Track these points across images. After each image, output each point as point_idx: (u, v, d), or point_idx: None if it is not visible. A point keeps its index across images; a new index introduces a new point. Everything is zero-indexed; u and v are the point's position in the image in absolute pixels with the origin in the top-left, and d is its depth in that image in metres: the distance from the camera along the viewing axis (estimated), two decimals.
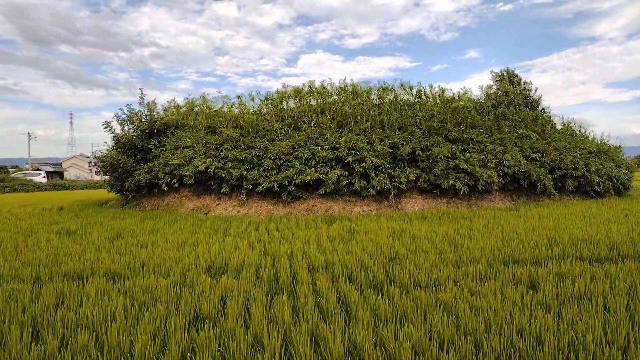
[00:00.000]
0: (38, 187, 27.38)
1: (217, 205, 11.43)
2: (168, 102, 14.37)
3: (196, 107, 13.57)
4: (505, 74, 16.58)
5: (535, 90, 16.00)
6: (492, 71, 16.75)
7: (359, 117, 11.80)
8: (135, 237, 7.01)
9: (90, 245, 6.33)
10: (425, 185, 11.66)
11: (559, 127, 15.62)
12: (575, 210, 9.97)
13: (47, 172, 56.53)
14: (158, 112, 13.75)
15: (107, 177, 13.79)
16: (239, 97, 13.43)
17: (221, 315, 3.30)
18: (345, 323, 3.13)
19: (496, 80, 16.22)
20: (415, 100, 13.19)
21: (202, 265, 4.92)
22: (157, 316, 3.18)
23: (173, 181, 11.65)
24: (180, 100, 14.83)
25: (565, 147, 13.67)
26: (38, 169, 53.62)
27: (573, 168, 13.37)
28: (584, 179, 13.62)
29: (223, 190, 11.07)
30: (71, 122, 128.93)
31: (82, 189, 28.80)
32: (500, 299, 3.53)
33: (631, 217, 8.78)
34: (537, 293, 3.72)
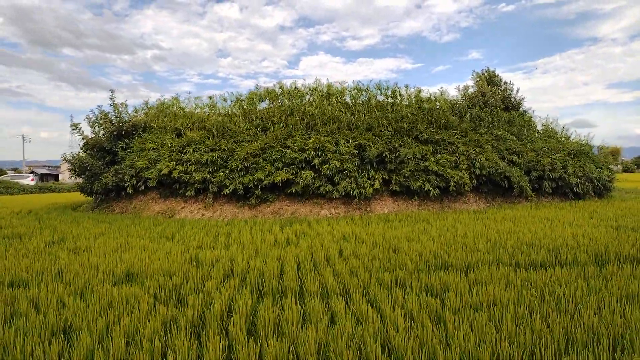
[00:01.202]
0: (24, 190, 27.32)
1: (182, 208, 11.25)
2: (143, 102, 14.18)
3: (167, 108, 13.41)
4: (486, 74, 16.36)
5: (517, 92, 15.77)
6: (473, 71, 16.55)
7: (326, 119, 11.60)
8: (75, 242, 6.83)
9: (23, 250, 6.16)
10: (396, 188, 11.45)
11: (539, 128, 15.39)
12: (543, 213, 9.74)
13: (42, 175, 56.65)
14: (131, 114, 13.62)
15: (79, 180, 13.67)
16: (210, 97, 13.28)
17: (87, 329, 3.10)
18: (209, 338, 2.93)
19: (477, 81, 16.00)
20: (388, 101, 12.98)
21: (118, 272, 4.73)
22: (21, 326, 3.00)
23: (139, 184, 11.48)
24: (153, 101, 14.68)
25: (542, 148, 13.43)
26: (33, 172, 53.74)
27: (550, 169, 13.13)
28: (561, 180, 13.38)
29: (188, 193, 10.90)
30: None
31: (69, 191, 28.72)
32: (398, 309, 3.31)
33: (596, 219, 8.55)
34: (441, 301, 3.52)
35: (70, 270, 4.79)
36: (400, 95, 13.14)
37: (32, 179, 33.88)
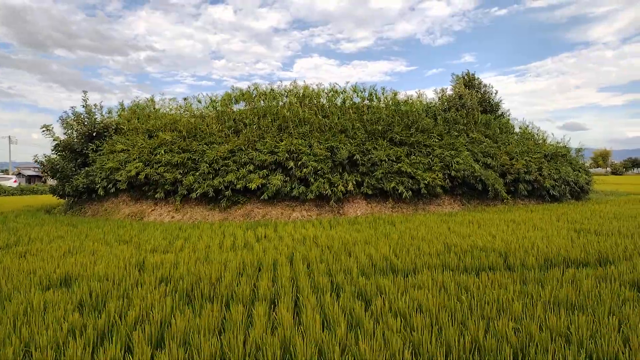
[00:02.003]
0: (5, 191, 26.93)
1: (152, 210, 11.10)
2: (119, 104, 14.00)
3: (141, 109, 13.25)
4: (466, 77, 16.41)
5: (495, 94, 15.83)
6: (453, 73, 16.60)
7: (298, 121, 11.52)
8: (27, 246, 6.69)
9: None
10: (369, 191, 11.40)
11: (517, 130, 15.44)
12: (512, 216, 9.73)
13: (30, 176, 55.95)
14: (104, 116, 13.44)
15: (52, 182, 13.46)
16: (185, 99, 13.16)
17: None
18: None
19: (455, 83, 16.03)
20: (365, 103, 12.93)
21: (54, 277, 4.61)
22: None
23: (109, 186, 11.31)
24: (127, 102, 14.52)
25: (516, 150, 13.46)
26: (19, 173, 53.07)
27: (525, 172, 13.16)
28: (537, 183, 13.42)
29: (158, 195, 10.75)
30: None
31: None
32: (317, 315, 3.23)
33: (562, 222, 8.55)
34: (366, 307, 3.45)
35: (4, 276, 4.66)
36: (377, 97, 13.11)
37: (15, 181, 33.41)
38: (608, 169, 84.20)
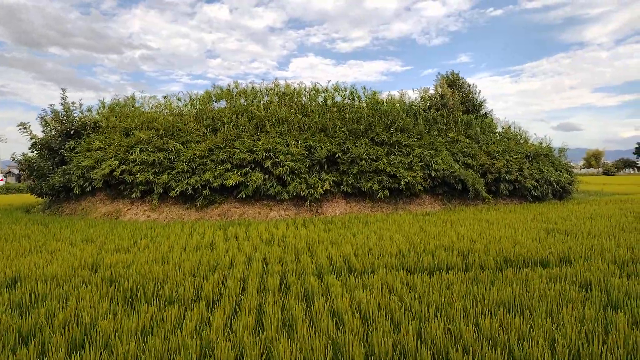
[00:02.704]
0: None
1: (128, 210, 10.97)
2: (99, 102, 13.85)
3: (121, 107, 13.10)
4: (450, 76, 16.40)
5: (479, 94, 15.82)
6: (438, 73, 16.57)
7: (276, 120, 11.44)
8: None
9: None
10: (348, 190, 11.35)
11: (500, 130, 15.45)
12: (489, 215, 9.71)
13: (20, 175, 55.44)
14: (85, 114, 13.29)
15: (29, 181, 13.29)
16: (165, 97, 13.02)
17: None
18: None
19: (439, 83, 16.01)
20: (346, 103, 12.87)
21: (2, 277, 4.50)
22: None
23: (85, 184, 11.17)
24: (108, 100, 14.36)
25: (497, 150, 13.46)
26: (9, 172, 52.56)
27: (506, 172, 13.17)
28: (518, 183, 13.43)
29: (133, 195, 10.63)
30: None
31: None
32: (246, 317, 3.16)
33: (537, 221, 8.54)
34: (307, 307, 3.38)
35: None
36: (357, 97, 13.05)
37: (2, 179, 33.05)
38: (599, 169, 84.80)
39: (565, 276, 4.22)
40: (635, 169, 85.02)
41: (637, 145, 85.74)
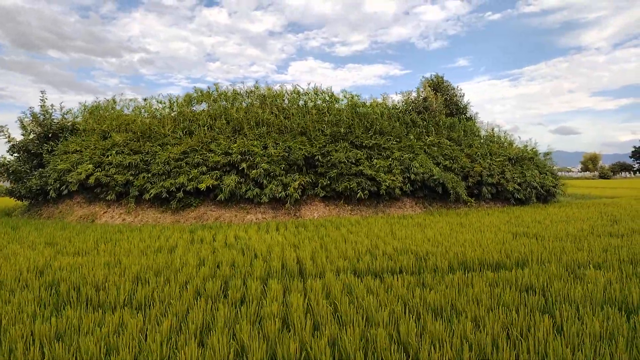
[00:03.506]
0: None
1: (104, 213, 10.89)
2: (80, 104, 13.79)
3: (101, 110, 13.03)
4: (435, 79, 16.38)
5: (462, 97, 15.79)
6: (422, 76, 16.57)
7: (255, 122, 11.39)
8: None
9: None
10: (325, 192, 11.28)
11: (483, 134, 15.41)
12: (465, 219, 9.66)
13: None
14: (66, 117, 13.23)
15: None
16: (145, 99, 12.97)
17: None
18: None
19: (424, 87, 15.99)
20: (325, 105, 12.82)
21: None
22: None
23: (62, 188, 11.09)
24: (90, 102, 14.31)
25: (478, 153, 13.41)
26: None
27: (488, 175, 13.11)
28: (500, 186, 13.38)
29: (109, 197, 10.55)
30: None
31: None
32: (168, 320, 3.08)
33: (512, 224, 8.48)
34: (237, 312, 3.30)
35: None
36: (337, 100, 13.01)
37: None
38: (596, 172, 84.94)
39: (511, 280, 4.15)
40: (632, 172, 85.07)
41: (634, 149, 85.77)
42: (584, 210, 11.32)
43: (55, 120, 12.48)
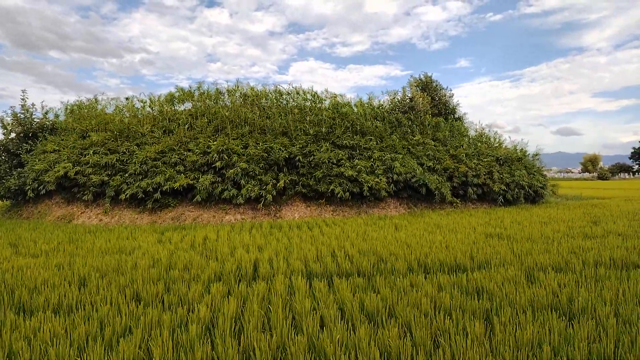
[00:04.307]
0: None
1: (82, 213, 10.77)
2: (61, 103, 13.67)
3: (82, 109, 12.91)
4: (424, 79, 16.24)
5: (452, 97, 15.65)
6: (411, 76, 16.43)
7: (238, 122, 11.26)
8: None
9: None
10: (306, 192, 11.15)
11: (472, 134, 15.26)
12: (443, 219, 9.52)
13: None
14: (48, 117, 13.11)
15: None
16: (127, 98, 12.83)
17: None
18: None
19: (412, 86, 15.85)
20: (307, 105, 12.68)
21: None
22: None
23: (40, 187, 10.97)
24: (72, 101, 14.18)
25: (465, 154, 13.26)
26: None
27: (474, 175, 12.97)
28: (486, 187, 13.23)
29: (85, 197, 10.43)
30: None
31: None
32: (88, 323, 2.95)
33: (485, 226, 8.32)
34: (173, 315, 3.17)
35: None
36: (320, 100, 12.88)
37: None
38: (595, 173, 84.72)
39: (463, 283, 4.01)
40: (631, 173, 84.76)
41: (633, 150, 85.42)
42: (569, 211, 11.17)
43: (36, 120, 12.37)
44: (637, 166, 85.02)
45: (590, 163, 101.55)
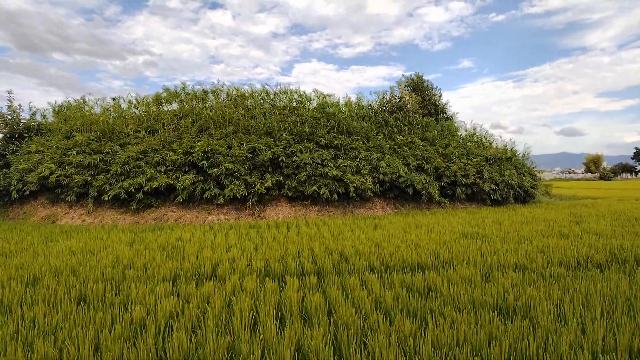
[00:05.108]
0: None
1: (66, 214, 10.77)
2: (48, 104, 13.71)
3: (70, 110, 12.94)
4: (415, 78, 16.17)
5: (440, 97, 15.57)
6: (403, 75, 16.36)
7: (222, 122, 11.24)
8: None
9: None
10: (290, 193, 11.10)
11: (463, 133, 15.17)
12: (425, 219, 9.44)
13: None
14: (36, 118, 13.15)
15: None
16: (114, 99, 12.85)
17: None
18: None
19: (404, 86, 15.78)
20: (293, 105, 12.64)
21: None
22: None
23: (24, 188, 10.99)
24: (60, 101, 14.21)
25: (455, 153, 13.17)
26: None
27: (462, 175, 12.87)
28: (476, 186, 13.12)
29: (68, 198, 10.43)
30: None
31: None
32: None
33: (466, 226, 8.24)
34: (121, 315, 3.13)
35: None
36: (308, 99, 12.84)
37: None
38: (596, 174, 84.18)
39: (416, 282, 3.95)
40: (633, 173, 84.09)
41: (635, 150, 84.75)
42: (555, 211, 11.05)
43: (23, 121, 12.41)
44: (639, 166, 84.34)
45: (592, 163, 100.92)
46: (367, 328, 2.80)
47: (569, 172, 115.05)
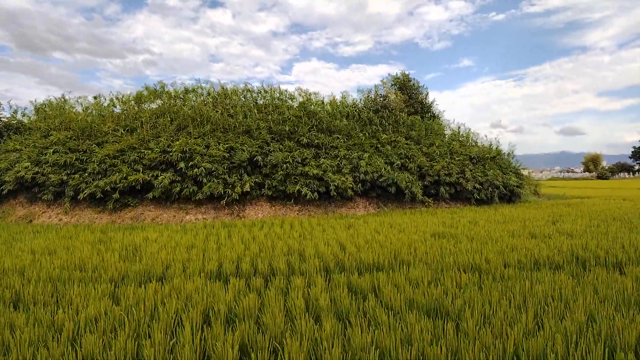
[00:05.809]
0: None
1: (43, 213, 10.70)
2: (30, 103, 13.64)
3: (51, 108, 12.85)
4: (402, 77, 16.10)
5: (426, 96, 15.49)
6: (389, 74, 16.29)
7: (200, 120, 11.17)
8: None
9: None
10: (270, 193, 11.02)
11: (448, 132, 15.09)
12: (401, 219, 9.37)
13: None
14: (18, 116, 13.07)
15: None
16: (95, 97, 12.77)
17: None
18: None
19: (391, 84, 15.70)
20: (276, 103, 12.56)
21: None
22: None
23: (2, 187, 10.91)
24: (41, 100, 14.13)
25: (438, 152, 13.09)
26: None
27: (446, 174, 12.80)
28: (459, 185, 13.05)
29: (45, 197, 10.36)
30: None
31: None
32: None
33: (439, 225, 8.18)
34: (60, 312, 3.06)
35: None
36: (291, 98, 12.76)
37: None
38: (594, 173, 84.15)
39: (361, 283, 3.88)
40: (631, 173, 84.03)
41: (633, 149, 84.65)
42: (536, 211, 10.98)
43: (3, 119, 12.33)
44: (637, 166, 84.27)
45: (591, 162, 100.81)
46: (288, 330, 2.73)
47: (568, 172, 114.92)
